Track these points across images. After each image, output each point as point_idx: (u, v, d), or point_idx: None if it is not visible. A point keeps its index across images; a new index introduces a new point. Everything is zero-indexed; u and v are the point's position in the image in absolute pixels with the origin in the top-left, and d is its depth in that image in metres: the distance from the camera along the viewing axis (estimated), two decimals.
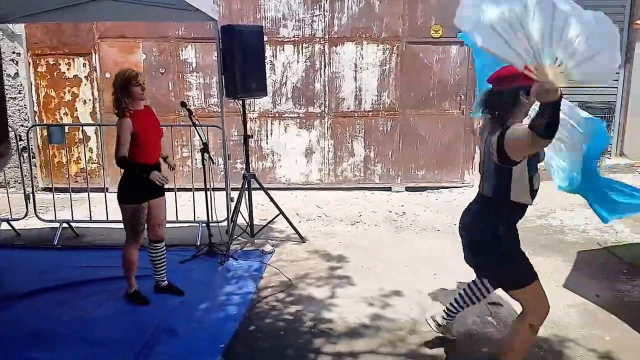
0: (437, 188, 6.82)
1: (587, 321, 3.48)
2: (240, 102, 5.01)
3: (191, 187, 5.22)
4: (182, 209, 5.25)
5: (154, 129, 3.66)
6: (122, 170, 3.53)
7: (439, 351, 3.16)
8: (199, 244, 4.83)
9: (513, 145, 2.35)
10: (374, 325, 3.47)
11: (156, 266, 3.84)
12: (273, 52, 6.46)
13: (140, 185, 3.52)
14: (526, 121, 2.40)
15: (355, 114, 6.67)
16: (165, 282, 3.90)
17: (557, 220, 5.55)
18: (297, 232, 5.07)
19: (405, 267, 4.41)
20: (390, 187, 6.85)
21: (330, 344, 3.24)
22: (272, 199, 5.08)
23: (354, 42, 6.47)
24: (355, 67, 6.54)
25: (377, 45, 6.48)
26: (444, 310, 3.18)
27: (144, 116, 3.56)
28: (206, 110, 6.53)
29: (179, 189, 5.24)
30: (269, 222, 5.23)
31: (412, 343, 3.25)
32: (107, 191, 5.26)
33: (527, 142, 2.19)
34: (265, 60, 5.34)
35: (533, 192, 2.54)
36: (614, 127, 7.25)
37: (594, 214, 3.26)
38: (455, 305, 3.14)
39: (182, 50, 6.45)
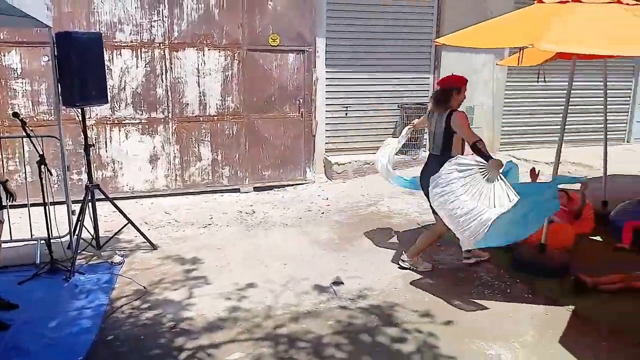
0: (283, 186, 7.25)
1: (410, 287, 4.16)
2: (79, 110, 4.82)
3: (25, 202, 4.86)
4: (14, 226, 4.87)
5: None
6: None
7: (291, 329, 3.53)
8: (39, 262, 4.55)
9: (455, 126, 4.01)
10: (231, 317, 3.71)
11: None
12: (109, 57, 6.26)
13: None
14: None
15: (201, 118, 6.78)
16: None
17: (385, 207, 6.35)
18: (147, 239, 5.04)
19: (257, 260, 4.72)
20: (239, 188, 7.10)
21: (192, 339, 3.40)
22: (118, 209, 4.98)
23: (195, 48, 6.58)
24: (198, 72, 6.66)
25: (219, 52, 6.68)
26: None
27: None
28: (35, 119, 6.07)
29: (12, 206, 4.85)
30: (116, 233, 5.11)
31: (267, 327, 3.57)
32: None
33: (465, 135, 3.98)
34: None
35: (462, 151, 4.05)
36: None
37: (415, 200, 3.92)
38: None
39: (4, 55, 5.92)
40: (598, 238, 5.28)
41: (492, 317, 3.69)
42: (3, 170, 5.38)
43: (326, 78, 7.66)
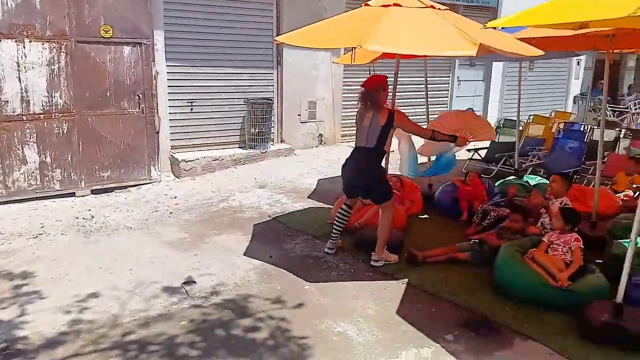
0: (126, 187, 6.86)
1: (263, 278, 4.27)
2: None
3: None
4: None
5: None
6: None
7: (141, 335, 3.40)
8: None
9: (401, 124, 4.43)
10: (73, 330, 3.45)
11: None
12: None
13: None
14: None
15: (24, 117, 6.08)
16: None
17: (236, 202, 6.38)
18: None
19: (100, 268, 4.43)
20: (74, 192, 6.53)
21: (28, 359, 3.09)
22: None
23: (14, 40, 5.86)
24: (19, 66, 5.94)
25: (43, 44, 6.03)
26: (331, 237, 4.75)
27: None
28: None
29: None
30: None
31: (114, 336, 3.39)
32: None
33: (416, 131, 4.68)
34: None
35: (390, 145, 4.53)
36: (275, 119, 8.63)
37: (266, 193, 3.93)
38: (336, 230, 4.72)
39: None
40: (426, 216, 5.94)
41: (339, 297, 3.97)
42: None
43: (167, 72, 7.39)
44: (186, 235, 5.24)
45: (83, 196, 6.52)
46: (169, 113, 7.54)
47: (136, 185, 6.93)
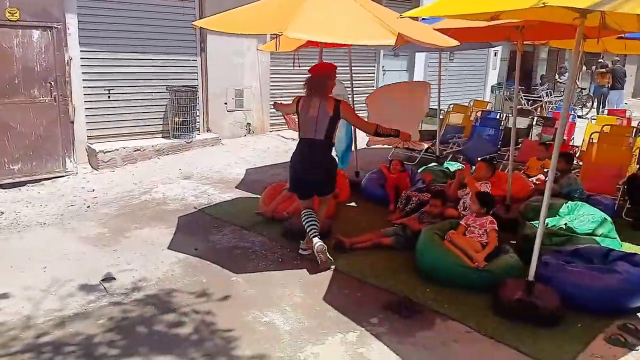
0: (38, 180, 6.43)
1: (188, 271, 4.16)
2: None
3: None
4: None
5: None
6: None
7: (56, 335, 3.22)
8: None
9: (347, 116, 4.29)
10: None
11: None
12: None
13: None
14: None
15: None
16: None
17: (159, 194, 6.16)
18: None
19: (10, 267, 4.14)
20: None
21: None
22: None
23: None
24: None
25: None
26: (311, 238, 4.29)
27: None
28: None
29: None
30: None
31: (27, 338, 3.19)
32: None
33: (359, 125, 4.50)
34: None
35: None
36: (200, 107, 8.39)
37: (191, 184, 3.73)
38: (311, 230, 4.31)
39: None
40: (353, 204, 6.04)
41: (266, 287, 3.95)
42: None
43: (82, 58, 6.97)
44: (105, 230, 4.99)
45: None
46: (85, 101, 7.12)
47: (50, 179, 6.52)
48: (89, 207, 5.67)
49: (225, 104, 8.76)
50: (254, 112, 9.20)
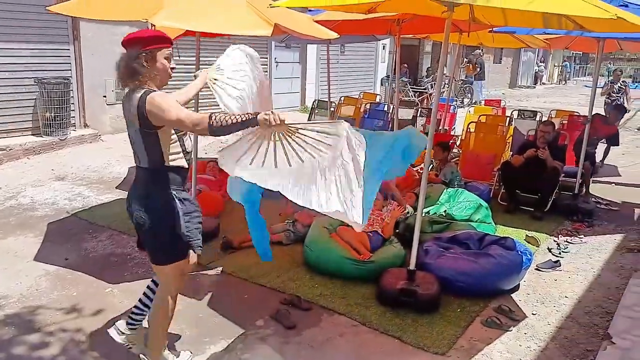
0: None
1: (57, 285, 3.76)
2: None
3: None
4: None
5: None
6: None
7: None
8: None
9: (157, 115, 2.34)
10: None
11: None
12: None
13: None
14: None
15: None
16: None
17: (27, 198, 5.56)
18: None
19: None
20: None
21: None
22: None
23: None
24: None
25: None
26: (128, 317, 2.92)
27: None
28: None
29: None
30: None
31: None
32: None
33: (184, 122, 2.30)
34: None
35: (186, 154, 2.58)
36: (74, 101, 7.71)
37: (65, 186, 3.17)
38: (136, 312, 2.91)
39: None
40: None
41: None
42: None
43: None
44: None
45: None
46: None
47: None
48: None
49: (104, 97, 8.14)
50: None
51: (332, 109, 8.57)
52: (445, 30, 3.56)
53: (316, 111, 9.04)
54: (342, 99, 9.64)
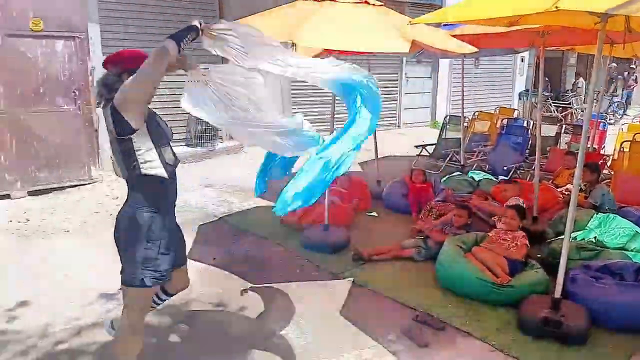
0: (64, 188, 6.53)
1: (205, 281, 4.13)
2: None
3: None
4: None
5: None
6: None
7: (73, 344, 3.23)
8: None
9: (123, 99, 2.31)
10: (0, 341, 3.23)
11: None
12: None
13: None
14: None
15: None
16: None
17: (181, 202, 6.10)
18: None
19: (33, 274, 4.19)
20: (9, 194, 6.17)
21: None
22: None
23: None
24: None
25: None
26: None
27: None
28: None
29: None
30: None
31: (44, 346, 3.21)
32: None
33: (135, 80, 2.28)
34: None
35: (167, 165, 2.50)
36: None
37: (212, 192, 3.43)
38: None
39: None
40: (374, 213, 5.95)
41: (283, 298, 3.90)
42: None
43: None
44: None
45: (19, 198, 6.17)
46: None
47: (76, 186, 6.62)
48: (111, 215, 5.71)
49: None
50: None
51: (465, 124, 8.32)
52: (598, 43, 3.31)
53: (448, 127, 8.84)
54: (476, 114, 9.32)
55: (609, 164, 7.19)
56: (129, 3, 7.28)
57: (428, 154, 8.24)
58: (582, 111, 13.99)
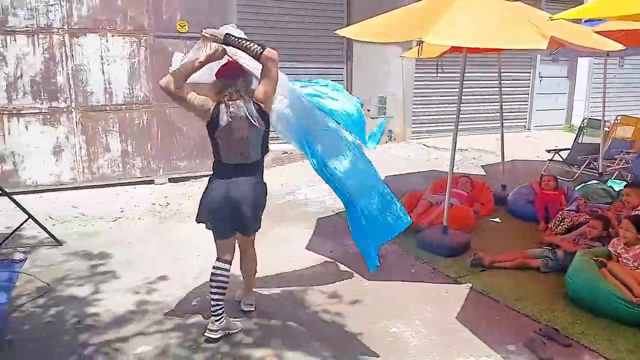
0: (200, 177, 7.12)
1: (322, 272, 4.28)
2: None
3: None
4: None
5: None
6: None
7: (202, 319, 3.52)
8: None
9: (268, 96, 3.15)
10: (141, 310, 3.63)
11: None
12: (3, 43, 5.82)
13: None
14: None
15: (107, 107, 6.49)
16: None
17: (302, 195, 6.44)
18: (50, 235, 4.79)
19: (170, 253, 4.63)
20: (153, 180, 6.90)
21: (97, 335, 3.30)
22: (16, 203, 4.69)
23: (98, 34, 6.27)
24: (102, 59, 6.36)
25: (124, 38, 6.41)
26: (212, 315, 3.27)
27: None
28: None
29: None
30: (16, 229, 4.80)
31: (177, 318, 3.54)
32: None
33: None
34: None
35: None
36: None
37: (330, 188, 3.65)
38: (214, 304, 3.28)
39: None
40: (497, 219, 5.68)
41: (397, 297, 3.89)
42: None
43: None
44: None
45: (161, 184, 6.86)
46: None
47: (209, 175, 7.16)
48: None
49: (369, 110, 8.86)
50: (396, 120, 9.17)
51: (605, 129, 7.58)
52: None
53: (585, 131, 8.12)
54: (619, 118, 8.44)
55: None
56: (264, 5, 7.71)
57: (561, 159, 7.65)
58: None
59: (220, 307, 3.26)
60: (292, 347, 3.21)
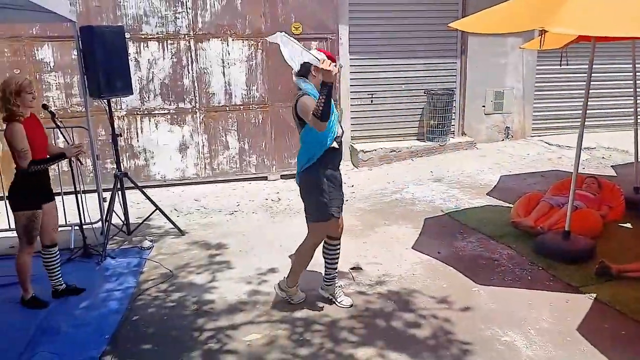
0: None
1: (429, 274, 4.17)
2: (106, 101, 4.99)
3: (59, 190, 5.10)
4: None
5: (41, 135, 3.70)
6: (14, 176, 3.54)
7: (308, 312, 3.61)
8: (72, 247, 4.78)
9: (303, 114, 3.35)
10: (251, 300, 3.82)
11: (52, 271, 3.87)
12: (137, 49, 6.45)
13: (34, 190, 3.58)
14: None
15: (227, 108, 6.92)
16: (63, 285, 3.93)
17: (409, 194, 6.33)
18: (175, 225, 5.22)
19: (280, 246, 4.81)
20: (267, 177, 7.22)
21: (212, 321, 3.53)
22: (146, 196, 5.18)
23: (220, 39, 6.70)
24: (223, 62, 6.79)
25: (243, 42, 6.78)
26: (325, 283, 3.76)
27: (32, 122, 3.61)
28: (69, 111, 6.34)
29: None
30: (145, 219, 5.32)
31: (285, 310, 3.66)
32: None
33: (309, 120, 3.26)
34: (129, 58, 5.41)
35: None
36: (456, 110, 8.31)
37: (441, 187, 3.61)
38: (327, 275, 3.73)
39: (37, 50, 6.18)
40: (628, 225, 5.13)
41: (510, 304, 3.67)
42: None
43: (350, 66, 7.66)
44: (358, 223, 5.38)
45: (274, 180, 7.17)
46: (351, 105, 7.81)
47: None
48: (347, 200, 6.14)
49: (483, 106, 8.46)
50: (515, 116, 8.64)
51: None
52: None
53: None
54: None
55: None
56: (376, 3, 7.68)
57: None
58: None
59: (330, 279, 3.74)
60: (396, 349, 3.17)
